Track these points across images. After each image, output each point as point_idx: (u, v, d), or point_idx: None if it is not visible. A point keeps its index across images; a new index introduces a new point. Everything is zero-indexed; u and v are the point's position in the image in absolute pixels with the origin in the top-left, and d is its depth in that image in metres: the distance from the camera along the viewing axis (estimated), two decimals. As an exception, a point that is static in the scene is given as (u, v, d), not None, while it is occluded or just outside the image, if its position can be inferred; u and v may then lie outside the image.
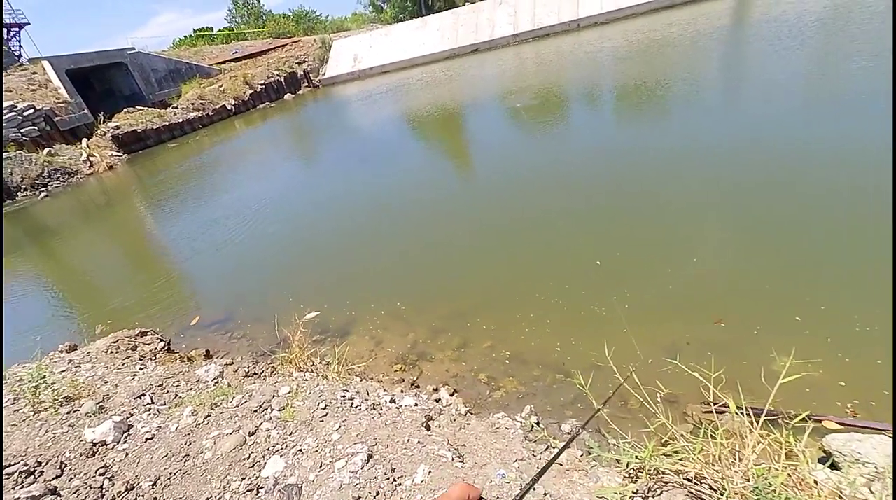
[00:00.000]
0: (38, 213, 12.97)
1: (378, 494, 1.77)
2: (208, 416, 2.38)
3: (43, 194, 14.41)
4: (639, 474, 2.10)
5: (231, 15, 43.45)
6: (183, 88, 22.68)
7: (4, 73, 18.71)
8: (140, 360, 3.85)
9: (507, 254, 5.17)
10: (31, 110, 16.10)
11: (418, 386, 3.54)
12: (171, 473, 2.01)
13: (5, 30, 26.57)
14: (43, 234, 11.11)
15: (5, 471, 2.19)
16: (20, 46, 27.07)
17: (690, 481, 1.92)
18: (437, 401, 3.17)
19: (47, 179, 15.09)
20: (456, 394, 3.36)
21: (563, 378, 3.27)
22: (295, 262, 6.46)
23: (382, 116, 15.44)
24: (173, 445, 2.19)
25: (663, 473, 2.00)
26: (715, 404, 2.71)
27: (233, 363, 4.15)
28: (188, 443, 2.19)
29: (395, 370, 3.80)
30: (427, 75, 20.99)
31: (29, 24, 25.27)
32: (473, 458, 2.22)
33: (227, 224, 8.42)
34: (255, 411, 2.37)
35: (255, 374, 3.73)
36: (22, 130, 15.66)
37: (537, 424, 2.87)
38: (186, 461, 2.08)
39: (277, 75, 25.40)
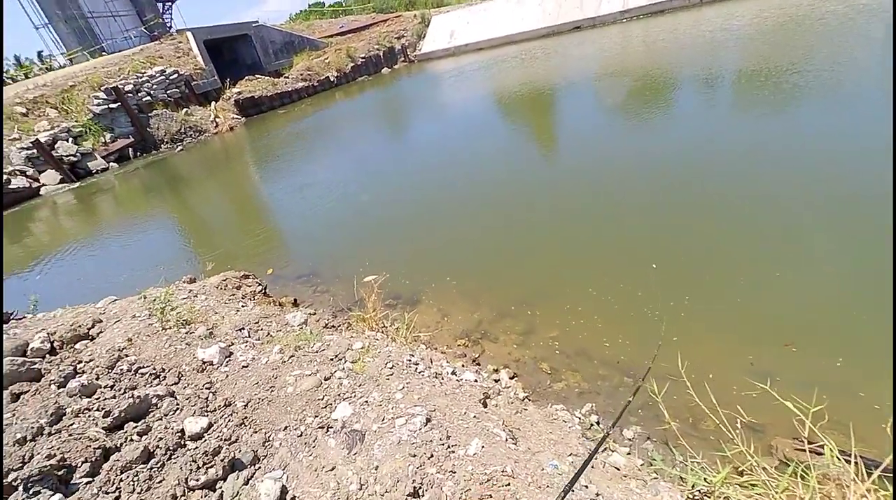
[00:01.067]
0: (175, 163, 15.12)
1: (432, 456, 1.85)
2: (292, 356, 2.66)
3: (179, 148, 16.75)
4: (705, 498, 1.94)
5: (342, -10, 45.53)
6: (294, 60, 24.49)
7: (158, 42, 21.72)
8: (242, 298, 4.40)
9: (586, 245, 4.92)
10: (176, 75, 18.58)
11: (479, 364, 3.59)
12: (259, 398, 2.30)
13: (161, 4, 30.64)
14: (176, 181, 12.96)
15: (140, 371, 2.68)
16: (171, 18, 31.12)
17: (765, 517, 1.73)
18: (496, 381, 3.20)
19: (183, 135, 17.47)
20: (516, 378, 3.36)
21: (632, 383, 3.09)
22: (378, 229, 6.80)
23: (473, 93, 15.29)
24: (263, 375, 2.49)
25: (734, 502, 1.83)
26: (811, 444, 2.38)
27: (315, 314, 4.56)
28: (275, 376, 2.47)
29: (459, 345, 3.89)
30: (522, 53, 20.20)
31: (179, -2, 28.80)
32: (527, 443, 2.21)
33: (319, 188, 9.09)
34: (332, 359, 2.59)
35: (333, 326, 4.06)
36: (168, 92, 18.20)
37: (597, 423, 2.77)
38: (272, 391, 2.36)
39: (377, 50, 26.25)
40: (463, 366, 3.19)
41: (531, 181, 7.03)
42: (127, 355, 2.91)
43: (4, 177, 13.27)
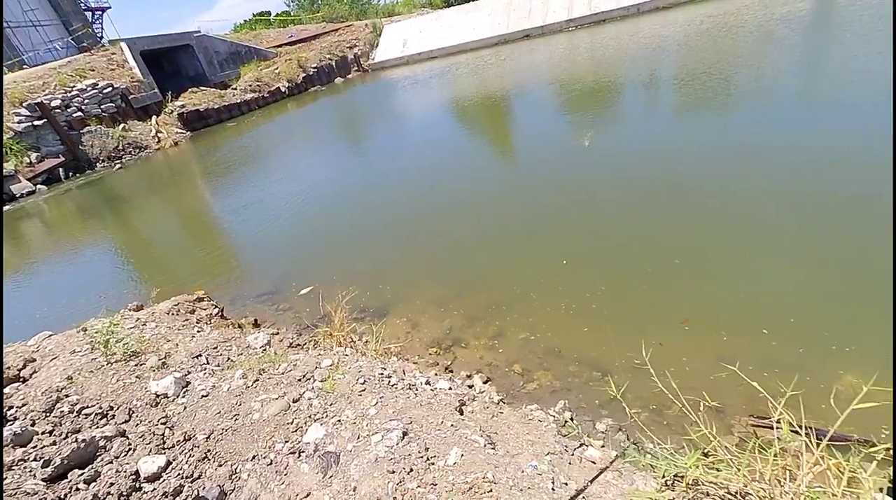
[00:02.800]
0: (113, 182, 14.11)
1: (412, 470, 1.82)
2: (257, 380, 2.53)
3: (118, 166, 15.65)
4: (677, 482, 2.02)
5: (289, -1, 44.70)
6: (242, 70, 23.66)
7: (88, 54, 20.29)
8: (197, 323, 4.15)
9: (547, 246, 5.06)
10: (110, 88, 17.41)
11: (452, 371, 3.58)
12: (223, 429, 2.16)
13: (90, 13, 28.73)
14: (115, 201, 12.09)
15: (84, 411, 2.44)
16: (102, 28, 29.21)
17: (733, 495, 1.82)
18: (470, 387, 3.20)
19: (121, 152, 16.35)
20: (489, 382, 3.37)
21: (601, 377, 3.19)
22: (338, 242, 6.65)
23: (426, 101, 15.42)
24: (225, 404, 2.35)
25: (703, 485, 1.92)
26: (766, 419, 2.55)
27: (278, 333, 4.38)
28: (238, 403, 2.34)
29: (430, 354, 3.86)
30: (475, 61, 20.66)
31: (110, 7, 27.12)
32: (505, 446, 2.22)
33: (273, 203, 8.79)
34: (300, 380, 2.49)
35: (299, 345, 3.91)
36: (102, 106, 17.00)
37: (571, 420, 2.83)
38: (237, 419, 2.23)
39: (329, 59, 25.90)
40: (436, 375, 3.17)
41: (491, 187, 7.15)
42: (67, 396, 2.65)
43: None
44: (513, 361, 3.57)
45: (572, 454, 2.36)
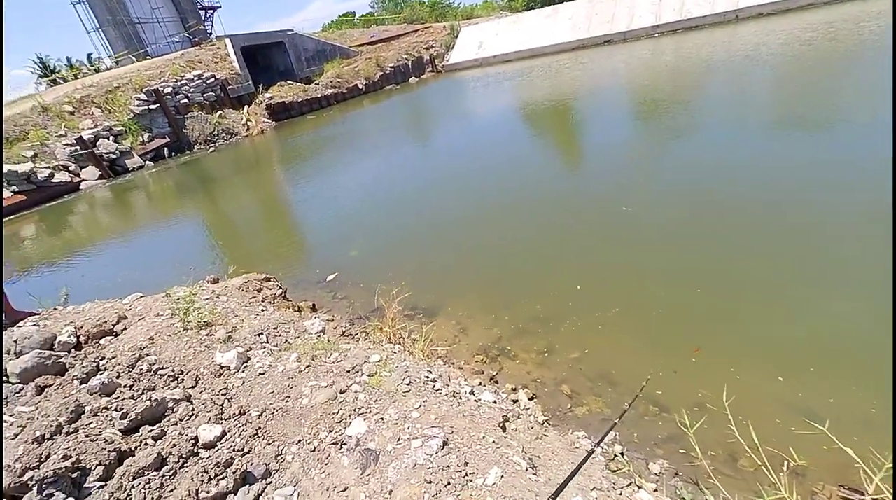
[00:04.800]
0: (207, 163, 15.59)
1: (449, 484, 1.76)
2: (309, 366, 2.61)
3: (211, 149, 17.28)
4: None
5: (374, 1, 46.75)
6: (325, 67, 25.07)
7: (198, 48, 22.60)
8: (262, 301, 4.41)
9: (613, 262, 4.75)
10: (212, 79, 19.26)
11: (497, 382, 3.47)
12: (274, 409, 2.25)
13: (203, 11, 31.98)
14: (206, 181, 13.34)
15: (159, 372, 2.68)
16: (212, 25, 32.41)
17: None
18: (514, 402, 3.07)
19: (216, 137, 18.04)
20: (535, 400, 3.22)
21: (658, 412, 2.92)
22: (400, 237, 6.77)
23: (496, 102, 15.28)
24: (279, 384, 2.45)
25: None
26: (859, 493, 2.18)
27: (333, 320, 4.54)
28: (290, 386, 2.42)
29: (476, 361, 3.78)
30: (550, 66, 20.12)
31: (220, 7, 30.00)
32: (548, 473, 2.09)
33: (344, 194, 9.16)
34: (348, 371, 2.53)
35: (351, 335, 4.02)
36: (204, 95, 18.86)
37: (621, 455, 2.61)
38: (287, 401, 2.31)
39: (406, 59, 26.62)
40: (480, 384, 3.09)
41: (551, 195, 6.90)
42: (148, 355, 2.93)
43: (49, 171, 13.93)
44: (561, 380, 3.38)
45: (620, 494, 2.17)
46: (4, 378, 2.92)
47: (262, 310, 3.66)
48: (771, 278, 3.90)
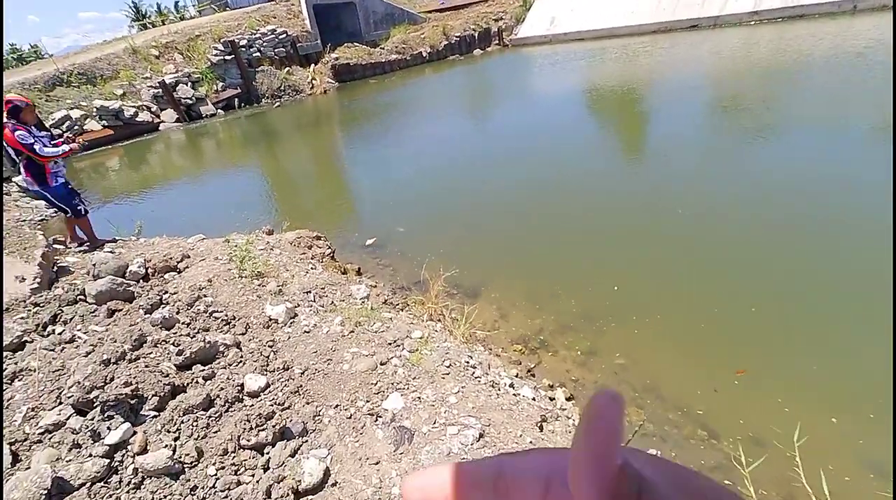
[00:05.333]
0: (271, 117, 16.05)
1: (482, 478, 1.68)
2: (352, 332, 2.60)
3: (277, 104, 17.74)
4: None
5: (449, -35, 45.01)
6: (392, 31, 24.69)
7: (274, 2, 22.90)
8: (312, 259, 4.50)
9: (670, 265, 4.40)
10: (284, 35, 19.54)
11: (534, 376, 3.35)
12: (315, 369, 2.26)
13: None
14: (270, 134, 13.75)
15: (214, 314, 2.78)
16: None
17: None
18: (551, 399, 2.95)
19: (282, 93, 18.47)
20: (573, 401, 3.08)
21: (706, 437, 2.69)
22: (449, 210, 6.66)
23: (563, 83, 14.44)
24: (322, 346, 2.46)
25: None
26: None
27: (376, 287, 4.56)
28: (333, 349, 2.43)
29: (515, 350, 3.66)
30: (626, 48, 18.64)
31: (298, -39, 30.02)
32: (582, 483, 1.97)
33: (397, 160, 9.11)
34: (390, 344, 2.50)
35: (392, 304, 4.01)
36: (275, 50, 19.23)
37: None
38: (329, 364, 2.31)
39: (473, 30, 25.66)
40: (518, 376, 2.97)
41: (608, 186, 6.48)
42: (205, 296, 3.05)
43: (134, 110, 14.90)
44: (603, 385, 3.20)
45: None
46: (80, 298, 3.15)
47: (312, 268, 3.70)
48: (836, 308, 3.45)
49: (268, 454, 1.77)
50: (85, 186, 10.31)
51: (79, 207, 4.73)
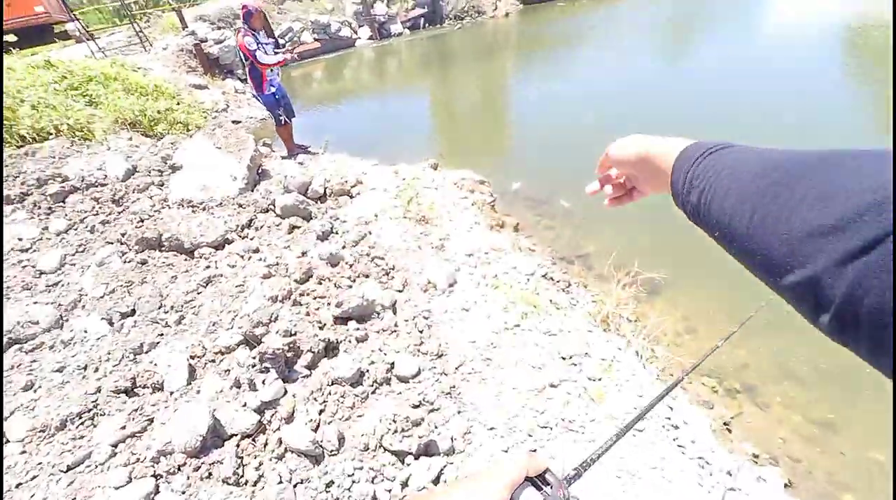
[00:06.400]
0: (451, 39, 15.47)
1: None
2: (517, 325, 2.07)
3: (458, 26, 16.96)
4: None
5: None
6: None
7: None
8: (472, 205, 4.03)
9: None
10: (479, -54, 17.88)
11: (730, 430, 2.42)
12: (472, 368, 1.83)
13: None
14: (447, 58, 13.30)
15: (376, 260, 2.55)
16: None
17: None
18: (761, 479, 2.04)
19: (465, 14, 17.50)
20: (790, 489, 2.11)
21: None
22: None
23: (815, 14, 10.02)
24: (481, 335, 2.00)
25: None
26: None
27: (534, 250, 3.92)
28: (493, 345, 1.94)
29: (702, 384, 2.71)
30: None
31: None
32: None
33: (580, 102, 7.73)
34: (563, 358, 1.89)
35: (552, 280, 3.34)
36: (466, -35, 17.89)
37: None
38: (488, 365, 1.85)
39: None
40: (731, 454, 2.09)
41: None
42: (370, 233, 2.88)
43: (339, 25, 15.97)
44: (842, 482, 2.12)
45: None
46: (271, 207, 3.31)
47: (476, 224, 3.22)
48: None
49: (408, 466, 1.44)
50: (295, 93, 11.70)
51: (281, 117, 5.08)
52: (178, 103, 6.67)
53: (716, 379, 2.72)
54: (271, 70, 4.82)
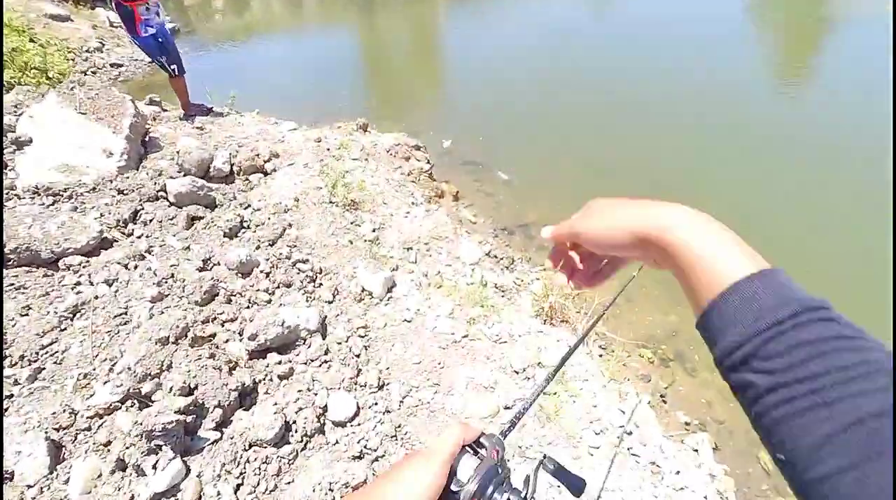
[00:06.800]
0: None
1: None
2: (465, 336, 1.86)
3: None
4: None
5: None
6: None
7: None
8: (407, 178, 3.64)
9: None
10: None
11: (665, 402, 2.54)
12: (419, 400, 1.60)
13: None
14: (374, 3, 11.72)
15: (298, 264, 2.15)
16: None
17: None
18: (694, 451, 2.16)
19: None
20: (718, 452, 2.28)
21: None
22: (576, 126, 5.23)
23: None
24: (427, 353, 1.77)
25: None
26: None
27: (475, 222, 3.71)
28: (441, 364, 1.73)
29: (640, 356, 2.80)
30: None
31: None
32: None
33: (516, 55, 7.27)
34: (517, 371, 1.74)
35: (496, 258, 3.17)
36: None
37: None
38: (436, 392, 1.64)
39: None
40: (681, 442, 2.16)
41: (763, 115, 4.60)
42: (290, 225, 2.42)
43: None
44: (755, 437, 2.34)
45: None
46: (161, 194, 2.67)
47: (413, 204, 2.87)
48: None
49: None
50: (192, 27, 9.67)
51: (171, 66, 4.07)
52: (32, 40, 5.19)
53: (650, 349, 2.81)
54: (146, 8, 3.72)
